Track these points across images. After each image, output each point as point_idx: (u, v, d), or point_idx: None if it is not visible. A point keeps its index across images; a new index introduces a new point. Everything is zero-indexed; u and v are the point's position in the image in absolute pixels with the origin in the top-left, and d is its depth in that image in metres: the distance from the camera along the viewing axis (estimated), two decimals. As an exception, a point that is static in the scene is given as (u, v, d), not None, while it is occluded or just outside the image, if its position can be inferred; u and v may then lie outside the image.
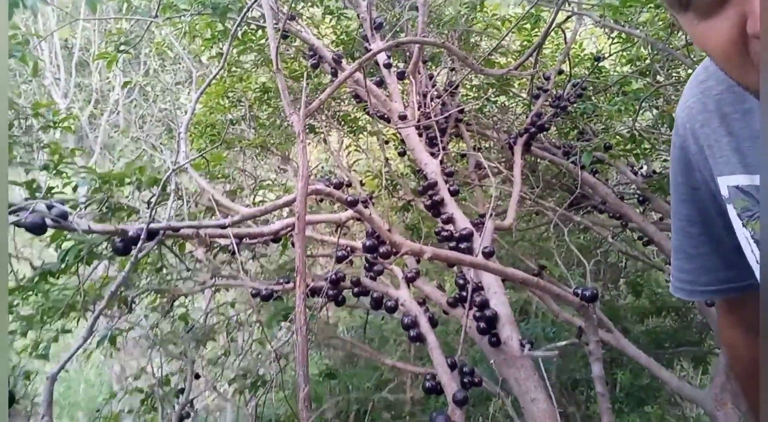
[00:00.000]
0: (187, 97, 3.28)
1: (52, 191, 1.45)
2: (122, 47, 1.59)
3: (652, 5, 1.62)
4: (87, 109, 4.15)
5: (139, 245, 0.88)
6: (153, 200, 0.95)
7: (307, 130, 2.89)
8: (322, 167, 3.45)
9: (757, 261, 0.61)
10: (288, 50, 2.27)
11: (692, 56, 1.71)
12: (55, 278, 1.39)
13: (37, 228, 0.85)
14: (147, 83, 4.10)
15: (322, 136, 2.98)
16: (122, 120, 4.30)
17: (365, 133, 2.87)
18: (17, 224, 0.84)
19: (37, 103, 1.60)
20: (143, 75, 4.07)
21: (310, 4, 2.35)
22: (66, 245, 1.42)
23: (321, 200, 2.22)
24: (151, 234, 0.93)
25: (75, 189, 1.42)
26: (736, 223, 0.62)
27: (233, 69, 2.57)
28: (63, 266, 1.37)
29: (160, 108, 4.16)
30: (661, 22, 1.97)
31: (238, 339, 2.23)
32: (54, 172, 1.36)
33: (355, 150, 3.02)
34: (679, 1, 0.46)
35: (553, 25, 1.46)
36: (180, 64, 4.09)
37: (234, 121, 2.73)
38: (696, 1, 0.45)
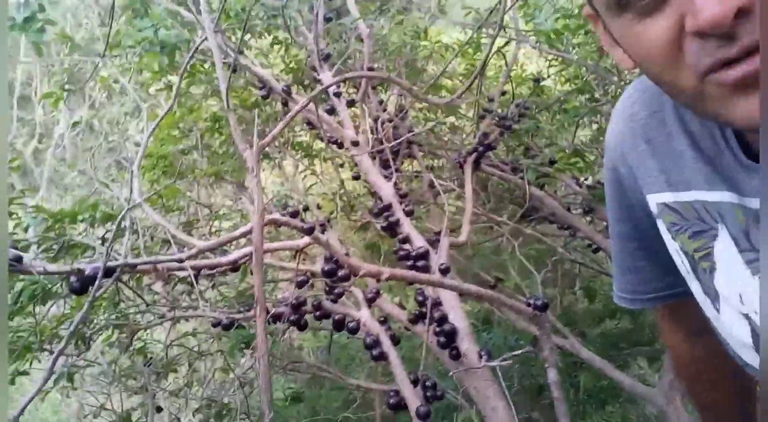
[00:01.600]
0: (136, 128, 3.26)
1: None
2: (67, 86, 1.59)
3: (582, 31, 1.74)
4: (31, 143, 4.04)
5: (96, 284, 0.89)
6: (108, 237, 0.96)
7: (261, 157, 2.91)
8: (278, 192, 3.46)
9: (686, 272, 0.65)
10: (238, 81, 2.31)
11: (621, 76, 1.84)
12: (10, 320, 1.36)
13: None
14: (93, 116, 4.04)
15: (277, 161, 3.01)
16: (68, 154, 4.21)
17: (319, 158, 2.91)
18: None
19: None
20: (88, 108, 4.01)
21: (258, 35, 2.39)
22: (18, 286, 1.40)
23: (279, 226, 2.24)
24: (108, 272, 0.94)
25: (26, 229, 1.41)
26: (666, 237, 0.67)
27: (182, 99, 2.58)
28: (17, 308, 1.35)
29: (107, 140, 4.11)
30: (593, 44, 2.10)
31: (200, 369, 2.21)
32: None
33: (311, 174, 3.06)
34: (619, 3, 0.47)
35: (492, 53, 1.55)
36: (126, 95, 4.05)
37: (185, 151, 2.73)
38: (635, 2, 0.45)
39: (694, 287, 0.65)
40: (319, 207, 2.51)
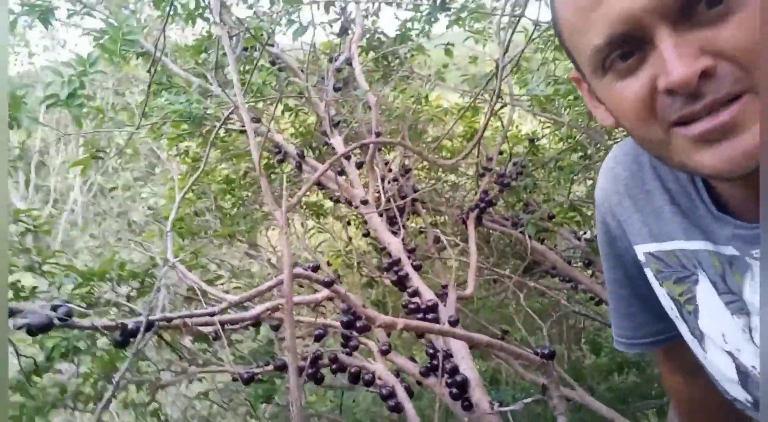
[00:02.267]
0: (150, 191, 3.39)
1: (35, 290, 1.51)
2: (99, 154, 1.71)
3: (572, 97, 1.89)
4: (45, 208, 4.18)
5: (139, 337, 0.96)
6: (151, 294, 1.05)
7: (270, 217, 3.03)
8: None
9: (675, 316, 0.71)
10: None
11: (611, 136, 1.98)
12: (39, 377, 1.42)
13: (43, 328, 0.93)
14: (106, 181, 4.19)
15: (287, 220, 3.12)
16: (80, 218, 4.34)
17: (327, 217, 3.03)
18: (25, 326, 0.92)
19: (17, 210, 1.68)
20: (101, 174, 4.17)
21: (269, 102, 2.56)
22: (49, 343, 1.46)
23: (304, 278, 2.32)
24: (148, 326, 1.02)
25: (59, 288, 1.49)
26: (654, 283, 0.72)
27: (197, 164, 2.72)
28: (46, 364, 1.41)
29: (120, 204, 4.24)
30: (583, 106, 2.26)
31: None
32: (39, 272, 1.43)
33: (318, 232, 3.16)
34: (603, 66, 0.52)
35: (489, 118, 1.69)
36: (139, 161, 4.21)
37: (199, 213, 2.85)
38: (616, 65, 0.51)
39: (683, 329, 0.70)
40: (329, 263, 2.59)
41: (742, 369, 0.63)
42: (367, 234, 2.20)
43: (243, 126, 1.91)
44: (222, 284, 2.16)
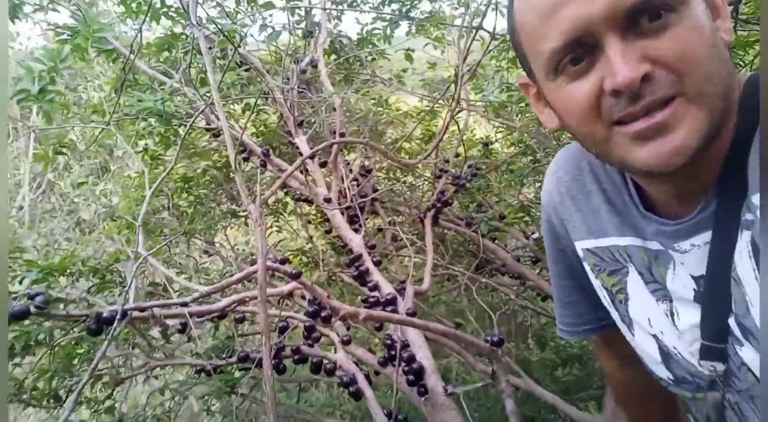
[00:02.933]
0: (104, 189, 3.34)
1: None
2: (62, 150, 1.71)
3: (523, 103, 2.02)
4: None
5: (114, 325, 1.00)
6: (127, 283, 1.09)
7: (229, 215, 3.06)
8: (243, 250, 3.56)
9: (608, 304, 0.78)
10: (211, 143, 2.48)
11: (559, 142, 2.12)
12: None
13: (22, 316, 0.96)
14: (56, 177, 4.07)
15: (243, 220, 3.15)
16: (27, 216, 4.20)
17: (286, 214, 3.07)
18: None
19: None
20: (52, 170, 4.05)
21: (230, 101, 2.59)
22: (10, 336, 1.46)
23: (250, 280, 2.36)
24: (123, 315, 1.06)
25: (21, 281, 1.49)
26: (591, 276, 0.78)
27: (156, 162, 2.71)
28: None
29: (70, 202, 4.13)
30: (533, 113, 2.40)
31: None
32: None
33: (277, 231, 3.20)
34: (555, 69, 0.57)
35: (449, 122, 1.79)
36: (89, 158, 4.12)
37: (156, 211, 2.83)
38: (568, 69, 0.56)
39: (615, 316, 0.78)
40: (288, 261, 2.63)
41: (665, 350, 0.71)
42: (329, 232, 2.27)
43: (208, 124, 1.95)
44: (187, 279, 2.18)
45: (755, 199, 0.56)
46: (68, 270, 1.63)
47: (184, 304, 1.13)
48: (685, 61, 0.52)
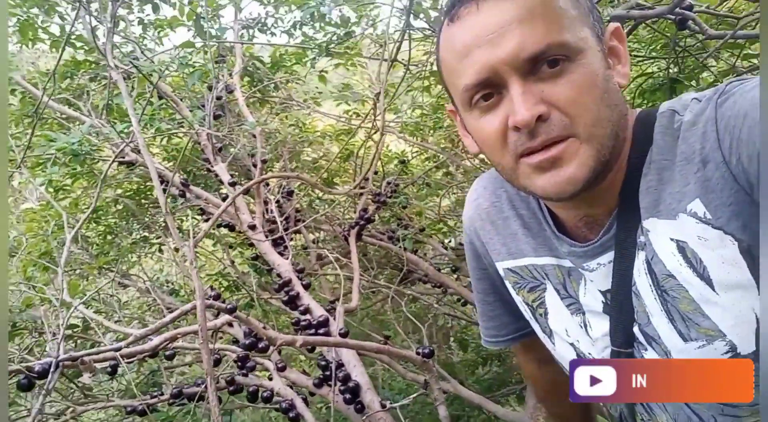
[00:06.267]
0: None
1: None
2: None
3: (440, 126, 2.14)
4: None
5: (49, 377, 0.97)
6: (60, 334, 1.04)
7: (142, 242, 2.94)
8: (158, 278, 3.42)
9: (529, 317, 0.84)
10: (129, 176, 2.39)
11: (470, 158, 2.27)
12: None
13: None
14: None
15: (157, 246, 3.04)
16: None
17: (205, 241, 3.00)
18: None
19: None
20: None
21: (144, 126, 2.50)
22: None
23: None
24: (56, 366, 1.02)
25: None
26: (513, 293, 0.84)
27: (60, 194, 2.55)
28: None
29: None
30: (445, 130, 2.54)
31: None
32: None
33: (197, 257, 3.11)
34: (470, 103, 0.63)
35: (365, 143, 1.85)
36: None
37: (61, 244, 2.65)
38: (480, 103, 0.62)
39: (536, 328, 0.85)
40: (212, 288, 2.59)
41: (581, 356, 0.78)
42: (256, 258, 2.26)
43: (123, 157, 1.89)
44: (108, 317, 2.08)
45: (646, 223, 0.64)
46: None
47: (118, 350, 1.11)
48: (576, 105, 0.59)
